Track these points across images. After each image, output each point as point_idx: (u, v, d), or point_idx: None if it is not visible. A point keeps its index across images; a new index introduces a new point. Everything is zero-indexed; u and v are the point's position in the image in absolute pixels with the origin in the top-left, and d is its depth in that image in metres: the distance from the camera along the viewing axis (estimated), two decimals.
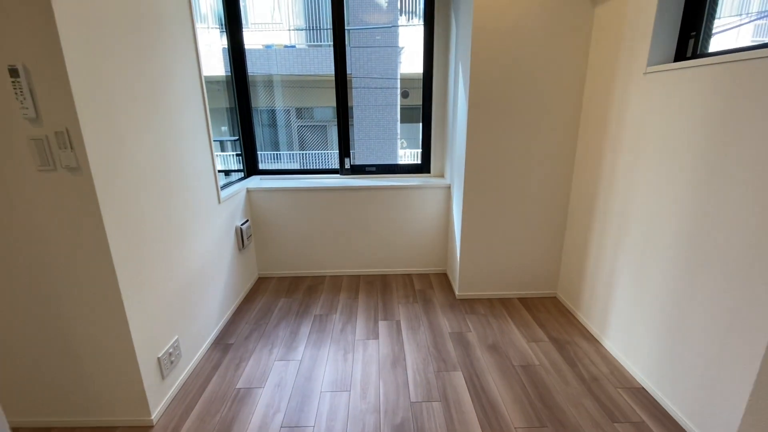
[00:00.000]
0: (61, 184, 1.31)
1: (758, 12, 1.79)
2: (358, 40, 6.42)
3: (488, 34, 2.14)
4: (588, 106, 2.22)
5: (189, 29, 1.97)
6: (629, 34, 1.84)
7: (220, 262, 2.31)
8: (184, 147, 1.90)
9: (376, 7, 6.26)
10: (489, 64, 2.19)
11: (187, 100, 1.94)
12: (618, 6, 1.92)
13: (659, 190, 1.68)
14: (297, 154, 7.79)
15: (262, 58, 7.16)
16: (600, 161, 2.11)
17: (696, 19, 1.64)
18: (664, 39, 1.69)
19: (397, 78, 6.65)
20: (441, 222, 2.95)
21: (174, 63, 1.81)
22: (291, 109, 7.58)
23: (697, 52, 1.66)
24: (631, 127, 1.85)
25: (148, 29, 1.62)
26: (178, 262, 1.83)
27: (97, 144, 1.32)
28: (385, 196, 2.87)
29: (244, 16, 7.30)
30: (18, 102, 1.22)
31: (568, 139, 2.34)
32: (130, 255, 1.48)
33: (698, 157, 1.48)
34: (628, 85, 1.86)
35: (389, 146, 6.65)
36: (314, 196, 2.85)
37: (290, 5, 7.08)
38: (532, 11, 2.11)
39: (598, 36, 2.10)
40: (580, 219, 2.34)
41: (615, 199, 1.98)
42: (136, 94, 1.53)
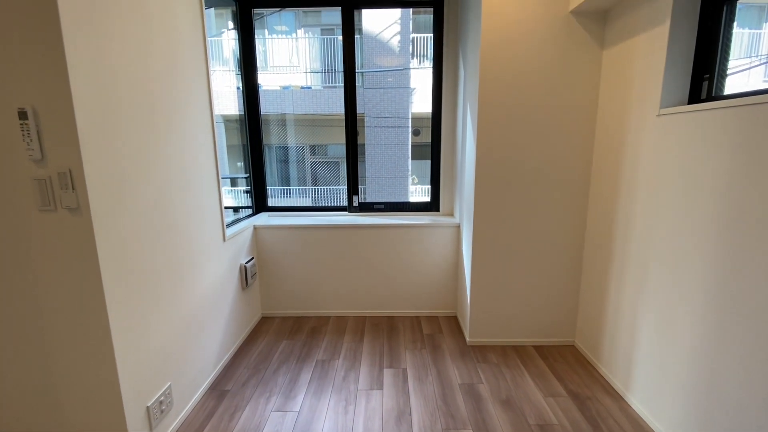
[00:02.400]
0: (60, 224, 1.29)
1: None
2: (371, 81, 6.64)
3: (495, 77, 2.16)
4: (599, 147, 2.17)
5: (203, 71, 2.03)
6: (639, 76, 1.82)
7: (222, 301, 2.25)
8: (191, 185, 1.90)
9: (388, 51, 6.51)
10: (496, 106, 2.19)
11: (197, 139, 1.97)
12: (626, 49, 1.91)
13: (680, 235, 1.58)
14: (309, 190, 7.88)
15: (279, 98, 7.45)
16: (615, 204, 2.02)
17: (708, 61, 1.61)
18: (677, 81, 1.66)
19: (409, 117, 6.80)
20: (450, 262, 2.85)
21: (185, 103, 1.85)
22: (305, 146, 7.77)
23: (712, 93, 1.61)
24: (646, 169, 1.78)
25: (161, 71, 1.67)
26: (177, 303, 1.77)
27: (99, 184, 1.32)
28: (393, 234, 2.81)
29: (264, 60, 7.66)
30: (24, 143, 1.24)
31: (580, 181, 2.27)
32: (125, 298, 1.43)
33: (721, 201, 1.39)
34: (641, 126, 1.81)
35: (400, 183, 6.67)
36: (321, 234, 2.81)
37: (307, 50, 7.44)
38: (538, 54, 2.13)
39: (607, 78, 2.09)
40: (595, 263, 2.22)
41: (632, 244, 1.87)
42: (144, 134, 1.55)
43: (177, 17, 1.79)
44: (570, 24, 2.09)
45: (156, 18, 1.63)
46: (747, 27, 1.78)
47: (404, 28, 6.55)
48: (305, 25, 7.77)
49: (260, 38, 7.29)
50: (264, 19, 7.23)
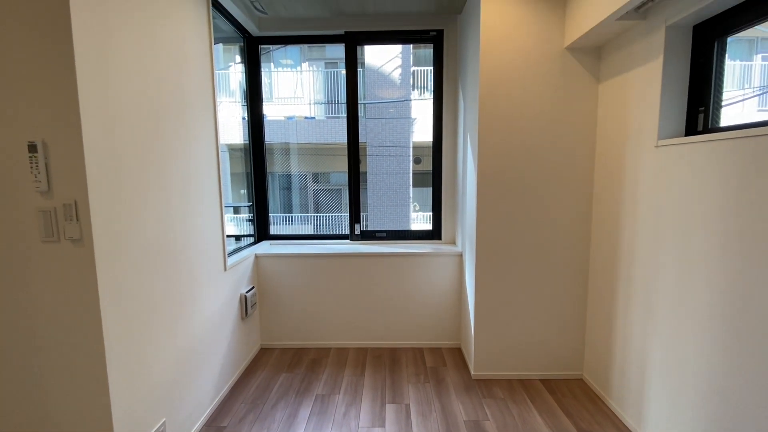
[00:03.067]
0: (62, 255, 1.29)
1: (761, 87, 1.81)
2: (374, 112, 6.81)
3: (494, 109, 2.21)
4: (600, 177, 2.18)
5: (210, 103, 2.09)
6: (636, 108, 1.86)
7: (221, 333, 2.21)
8: (194, 214, 1.91)
9: (390, 84, 6.71)
10: (496, 137, 2.23)
11: (202, 168, 1.99)
12: (622, 82, 1.97)
13: (686, 268, 1.56)
14: (311, 217, 7.91)
15: (284, 128, 7.62)
16: (617, 234, 2.02)
17: (703, 94, 1.65)
18: (673, 113, 1.69)
19: (410, 146, 6.91)
20: (453, 292, 2.81)
21: (192, 133, 1.90)
22: (308, 173, 7.87)
23: (709, 125, 1.64)
24: (647, 199, 1.78)
25: (169, 104, 1.72)
26: (175, 336, 1.74)
27: (103, 215, 1.32)
28: (395, 263, 2.79)
29: (269, 92, 7.88)
30: (32, 175, 1.25)
31: (582, 211, 2.28)
32: (123, 331, 1.41)
33: (722, 230, 1.38)
34: (640, 157, 1.83)
35: (402, 211, 6.69)
36: (323, 263, 2.80)
37: (311, 82, 7.68)
38: (536, 88, 2.19)
39: (604, 110, 2.13)
40: (601, 293, 2.18)
41: (637, 274, 1.85)
42: (150, 165, 1.58)
43: (187, 52, 1.86)
44: (566, 59, 2.16)
45: (167, 52, 1.69)
46: (738, 59, 1.84)
47: (405, 62, 6.77)
48: (310, 59, 8.06)
49: (266, 71, 7.56)
50: (270, 54, 7.52)
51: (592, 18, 1.86)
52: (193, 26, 1.93)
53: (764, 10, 1.37)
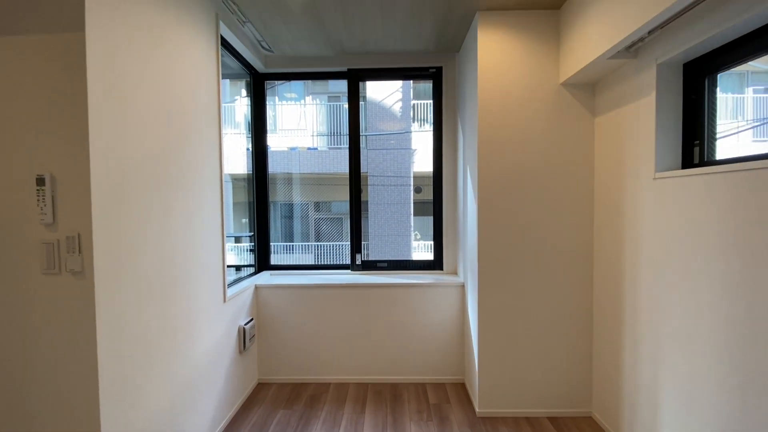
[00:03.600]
0: (62, 287, 1.28)
1: (755, 119, 1.85)
2: (375, 143, 6.95)
3: (493, 143, 2.26)
4: (599, 208, 2.20)
5: (216, 136, 2.14)
6: (632, 141, 1.90)
7: (218, 367, 2.15)
8: (196, 245, 1.91)
9: (391, 116, 6.89)
10: (495, 170, 2.26)
11: (206, 199, 2.02)
12: (617, 117, 2.02)
13: (692, 301, 1.54)
14: (312, 246, 7.90)
15: (286, 159, 7.77)
16: (620, 265, 2.00)
17: (697, 128, 1.69)
18: (669, 146, 1.73)
19: (410, 176, 7.00)
20: (456, 324, 2.76)
21: (197, 165, 1.93)
22: (310, 202, 7.93)
23: (704, 158, 1.67)
24: (648, 230, 1.78)
25: (177, 137, 1.76)
26: (171, 370, 1.69)
27: (106, 247, 1.33)
28: (396, 294, 2.75)
29: (273, 123, 8.09)
30: (38, 208, 1.27)
31: (584, 241, 2.27)
32: (118, 366, 1.37)
33: (728, 264, 1.37)
34: (639, 189, 1.85)
35: (403, 241, 6.68)
36: (323, 294, 2.76)
37: (315, 114, 7.90)
38: (534, 122, 2.24)
39: (601, 143, 2.18)
40: (607, 327, 2.14)
41: (642, 307, 1.82)
42: (154, 196, 1.60)
43: (196, 87, 1.93)
44: (562, 94, 2.23)
45: (177, 88, 1.76)
46: (730, 92, 1.89)
47: (405, 95, 6.99)
48: (313, 93, 8.32)
49: (270, 104, 7.79)
50: (275, 88, 7.79)
51: (585, 57, 1.94)
52: (203, 63, 2.01)
53: (751, 49, 1.43)
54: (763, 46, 1.39)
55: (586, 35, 1.93)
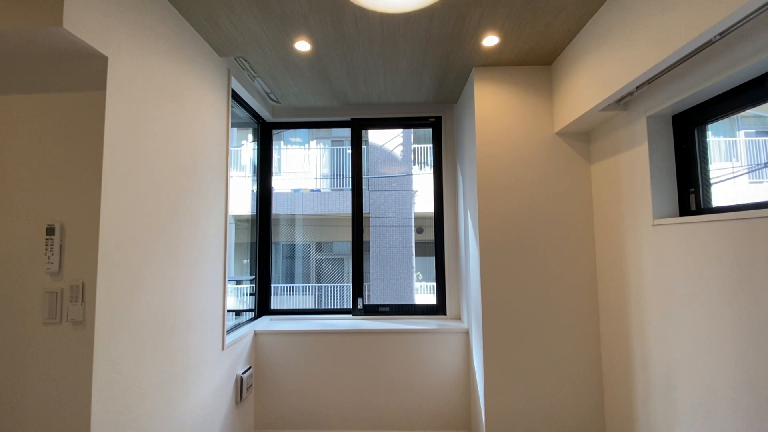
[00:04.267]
0: (62, 337, 1.27)
1: (748, 161, 1.90)
2: (376, 185, 7.10)
3: (492, 190, 2.31)
4: (601, 253, 2.20)
5: (223, 182, 2.20)
6: (629, 188, 1.94)
7: (213, 421, 2.06)
8: (197, 291, 1.91)
9: (392, 160, 7.08)
10: (496, 216, 2.30)
11: (209, 243, 2.03)
12: (612, 164, 2.08)
13: (705, 350, 1.50)
14: (313, 287, 7.82)
15: (290, 200, 7.91)
16: (625, 307, 1.97)
17: (691, 176, 1.74)
18: (665, 194, 1.77)
19: (412, 217, 7.07)
20: (461, 372, 2.66)
21: (203, 211, 1.97)
22: (311, 243, 7.96)
23: (701, 206, 1.70)
24: (651, 276, 1.78)
25: (186, 185, 1.81)
26: (165, 423, 1.63)
27: (108, 295, 1.33)
28: (399, 341, 2.69)
29: (278, 166, 8.30)
30: (45, 257, 1.29)
31: (587, 286, 2.26)
32: (111, 419, 1.33)
33: (731, 310, 1.36)
34: (639, 235, 1.87)
35: (405, 283, 6.62)
36: (324, 340, 2.70)
37: (318, 158, 8.13)
38: (531, 169, 2.31)
39: (598, 189, 2.23)
40: (618, 380, 2.07)
41: (652, 357, 1.77)
42: (161, 243, 1.62)
43: (206, 137, 2.01)
44: (557, 142, 2.32)
45: (188, 138, 1.84)
46: (722, 135, 1.95)
47: (406, 140, 7.23)
48: (317, 137, 8.63)
49: (276, 148, 8.05)
50: (280, 134, 8.09)
51: (577, 109, 2.03)
52: (214, 115, 2.11)
53: (736, 103, 1.51)
54: (748, 101, 1.46)
55: (577, 89, 2.04)
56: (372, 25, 1.91)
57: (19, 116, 1.34)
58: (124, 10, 1.42)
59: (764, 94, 1.39)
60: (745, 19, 1.17)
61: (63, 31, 1.19)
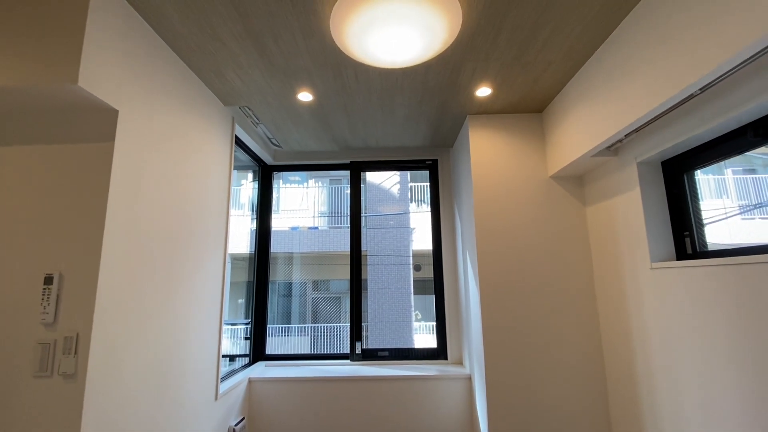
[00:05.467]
0: (51, 392, 1.23)
1: (738, 198, 1.93)
2: (374, 223, 7.14)
3: (489, 230, 2.33)
4: (602, 296, 2.19)
5: (223, 225, 2.21)
6: (625, 231, 1.97)
7: None
8: (192, 340, 1.86)
9: (389, 198, 7.18)
10: (494, 258, 2.30)
11: (207, 287, 2.01)
12: (607, 207, 2.12)
13: (711, 393, 1.46)
14: (309, 327, 7.63)
15: (287, 238, 7.91)
16: (629, 349, 1.93)
17: (684, 219, 1.77)
18: (660, 237, 1.79)
19: (410, 255, 7.05)
20: (464, 420, 2.55)
21: (202, 255, 1.96)
22: (308, 281, 7.87)
23: (696, 248, 1.72)
24: (653, 318, 1.76)
25: (187, 229, 1.82)
26: None
27: (102, 347, 1.30)
28: (400, 388, 2.59)
29: (276, 204, 8.40)
30: (41, 307, 1.27)
31: (590, 329, 2.22)
32: None
33: (735, 353, 1.34)
34: (639, 278, 1.87)
35: (405, 325, 6.47)
36: (321, 388, 2.60)
37: (317, 196, 8.23)
38: (527, 211, 2.34)
39: (595, 230, 2.25)
40: (625, 421, 1.98)
41: (661, 403, 1.72)
42: (158, 290, 1.60)
43: (209, 181, 2.05)
44: (551, 185, 2.37)
45: (192, 181, 1.87)
46: (711, 174, 2.00)
47: (403, 178, 7.37)
48: (316, 176, 8.78)
49: (274, 187, 8.19)
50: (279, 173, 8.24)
51: (568, 155, 2.10)
52: (218, 160, 2.17)
53: (722, 151, 1.57)
54: (732, 149, 1.52)
55: (567, 135, 2.12)
56: (371, 78, 2.01)
57: (28, 166, 1.37)
58: (136, 65, 1.50)
59: (747, 144, 1.46)
60: (723, 76, 1.26)
61: (78, 89, 1.25)
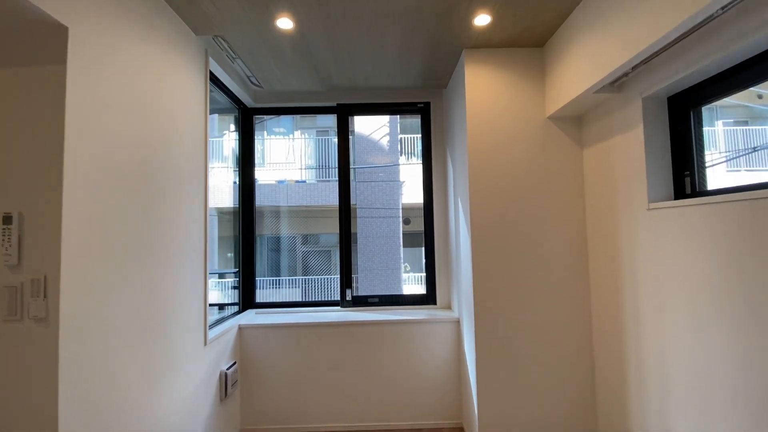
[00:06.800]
0: (23, 335, 1.16)
1: (726, 150, 1.88)
2: (363, 176, 6.99)
3: (483, 176, 2.25)
4: (593, 239, 2.18)
5: (202, 169, 2.08)
6: (623, 172, 1.91)
7: (196, 419, 1.97)
8: (177, 285, 1.80)
9: (379, 150, 6.98)
10: (487, 203, 2.24)
11: (189, 234, 1.92)
12: (606, 148, 2.04)
13: (699, 336, 1.48)
14: (299, 280, 7.70)
15: (274, 192, 7.74)
16: (618, 293, 1.96)
17: (686, 159, 1.71)
18: (660, 177, 1.74)
19: (399, 207, 7.01)
20: (452, 362, 2.63)
21: (180, 199, 1.85)
22: (297, 236, 7.82)
23: (696, 189, 1.68)
24: (645, 261, 1.76)
25: (160, 170, 1.69)
26: (144, 425, 1.53)
27: (75, 290, 1.22)
28: (389, 331, 2.63)
29: (262, 157, 8.08)
30: (3, 248, 1.17)
31: (580, 271, 2.23)
32: (81, 420, 1.22)
33: (729, 295, 1.34)
34: (633, 220, 1.84)
35: (393, 274, 6.57)
36: (311, 333, 2.62)
37: (303, 148, 7.96)
38: (522, 154, 2.25)
39: (591, 173, 2.19)
40: (610, 367, 2.06)
41: (647, 345, 1.76)
42: (133, 233, 1.50)
43: (182, 120, 1.89)
44: (549, 127, 2.27)
45: (161, 121, 1.71)
46: (705, 125, 1.93)
47: (393, 130, 7.13)
48: (302, 127, 8.44)
49: (259, 138, 7.86)
50: (264, 123, 7.89)
51: (569, 92, 1.98)
52: (191, 98, 1.98)
53: (732, 84, 1.48)
54: (751, 78, 1.42)
55: (570, 71, 1.98)
56: (359, 0, 1.80)
57: None
58: None
59: (764, 72, 1.35)
60: None
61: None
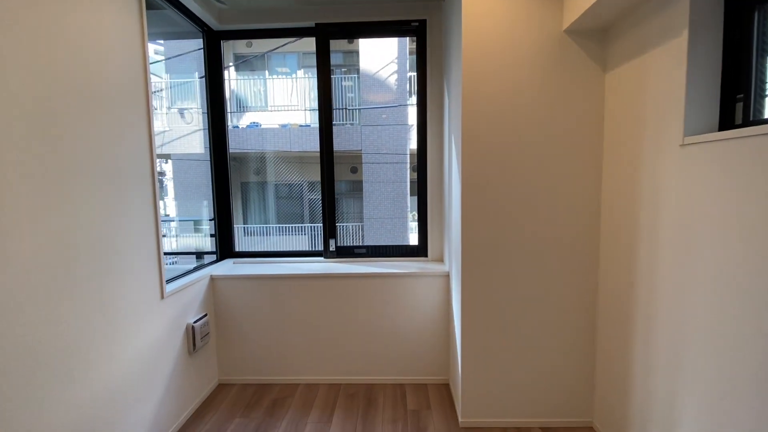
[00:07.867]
0: None
1: None
2: (369, 119, 6.51)
3: (480, 106, 1.86)
4: (609, 183, 1.81)
5: (141, 104, 1.77)
6: (654, 99, 1.49)
7: (156, 374, 1.85)
8: (119, 235, 1.58)
9: (386, 89, 6.42)
10: (483, 139, 1.87)
11: (130, 183, 1.67)
12: (635, 69, 1.60)
13: (726, 301, 1.17)
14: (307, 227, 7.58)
15: (277, 136, 7.36)
16: (633, 250, 1.63)
17: (742, 79, 1.28)
18: (703, 104, 1.32)
19: (407, 153, 6.60)
20: (441, 319, 2.43)
21: (109, 138, 1.57)
22: (304, 182, 7.57)
23: (750, 117, 1.27)
24: (671, 211, 1.40)
25: (74, 104, 1.40)
26: (88, 381, 1.39)
27: None
28: (374, 285, 2.42)
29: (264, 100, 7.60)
30: None
31: (588, 222, 1.90)
32: (19, 384, 1.07)
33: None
34: (661, 160, 1.46)
35: (400, 223, 6.32)
36: (290, 286, 2.44)
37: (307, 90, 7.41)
38: (530, 80, 1.83)
39: (613, 103, 1.77)
40: (614, 328, 1.79)
41: (660, 307, 1.46)
42: (44, 173, 1.25)
43: (105, 45, 1.55)
44: (564, 44, 1.81)
45: (72, 44, 1.38)
46: None
47: (401, 67, 6.49)
48: (305, 66, 7.84)
49: (261, 78, 7.38)
50: (266, 61, 7.35)
51: None
52: (116, 16, 1.62)
53: None
54: None
55: None
56: None
57: None
58: None
59: None
60: None
61: None
